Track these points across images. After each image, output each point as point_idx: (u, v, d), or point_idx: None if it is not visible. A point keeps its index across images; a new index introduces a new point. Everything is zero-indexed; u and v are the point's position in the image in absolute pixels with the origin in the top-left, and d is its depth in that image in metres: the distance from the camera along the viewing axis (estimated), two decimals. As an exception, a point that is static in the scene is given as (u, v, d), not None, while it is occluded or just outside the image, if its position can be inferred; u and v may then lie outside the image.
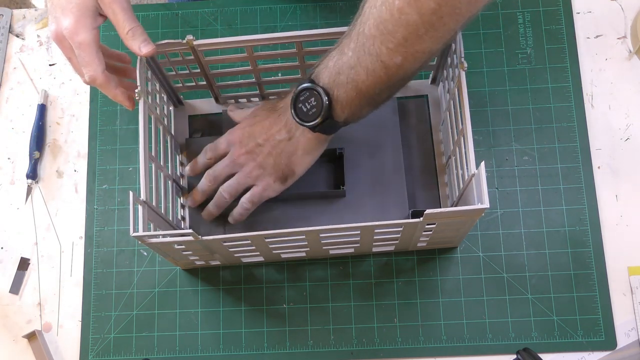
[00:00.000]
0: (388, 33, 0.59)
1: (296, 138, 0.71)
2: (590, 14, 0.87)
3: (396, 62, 0.61)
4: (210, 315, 0.80)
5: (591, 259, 0.79)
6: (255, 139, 0.73)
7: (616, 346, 0.76)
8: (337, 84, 0.64)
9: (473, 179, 0.65)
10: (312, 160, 0.73)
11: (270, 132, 0.72)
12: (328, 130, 0.69)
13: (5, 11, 0.91)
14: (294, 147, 0.71)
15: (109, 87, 0.69)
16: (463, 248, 0.80)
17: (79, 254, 0.82)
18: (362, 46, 0.61)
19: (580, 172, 0.81)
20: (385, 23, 0.59)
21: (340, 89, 0.64)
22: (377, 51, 0.60)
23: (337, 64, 0.64)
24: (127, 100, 0.71)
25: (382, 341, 0.78)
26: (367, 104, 0.66)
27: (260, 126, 0.73)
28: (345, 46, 0.63)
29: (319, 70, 0.66)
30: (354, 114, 0.66)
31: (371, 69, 0.61)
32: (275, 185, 0.74)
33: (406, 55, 0.60)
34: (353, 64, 0.62)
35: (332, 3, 0.89)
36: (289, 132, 0.71)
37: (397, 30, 0.58)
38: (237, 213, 0.76)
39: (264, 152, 0.72)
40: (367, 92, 0.64)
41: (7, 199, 0.85)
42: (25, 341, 0.80)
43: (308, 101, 0.66)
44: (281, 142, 0.71)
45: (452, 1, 0.56)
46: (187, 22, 0.90)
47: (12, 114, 0.88)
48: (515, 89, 0.84)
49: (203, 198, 0.78)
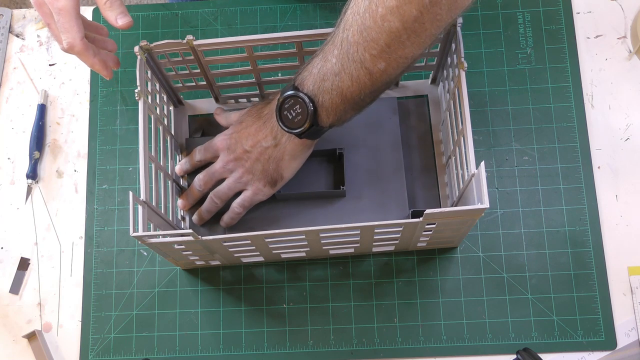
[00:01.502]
0: (371, 40, 0.60)
1: (283, 144, 0.71)
2: (590, 14, 0.87)
3: (380, 68, 0.61)
4: (210, 315, 0.80)
5: (591, 259, 0.79)
6: (242, 146, 0.74)
7: (616, 346, 0.76)
8: (321, 90, 0.65)
9: (473, 179, 0.65)
10: (299, 164, 0.75)
11: (256, 139, 0.72)
12: (314, 136, 0.70)
13: (5, 11, 0.91)
14: (281, 153, 0.72)
15: (87, 55, 0.68)
16: (463, 248, 0.80)
17: (79, 254, 0.82)
18: (346, 53, 0.62)
19: (580, 172, 0.81)
20: (368, 30, 0.59)
21: (325, 95, 0.65)
22: (360, 58, 0.61)
23: (321, 70, 0.64)
24: (104, 69, 0.70)
25: (382, 341, 0.78)
26: (351, 109, 0.66)
27: (246, 132, 0.73)
28: (328, 52, 0.63)
29: (302, 77, 0.66)
30: (339, 119, 0.67)
31: (355, 75, 0.62)
32: (265, 189, 0.75)
33: (389, 61, 0.61)
34: (337, 70, 0.63)
35: (332, 3, 0.89)
36: (275, 139, 0.71)
37: (380, 37, 0.59)
38: (229, 217, 0.77)
39: (252, 158, 0.73)
40: (351, 98, 0.64)
41: (7, 199, 0.85)
42: (25, 341, 0.80)
43: (293, 108, 0.67)
44: (268, 149, 0.72)
45: (433, 8, 0.57)
46: (187, 22, 0.90)
47: (12, 114, 0.88)
48: (515, 89, 0.84)
49: (193, 202, 0.79)
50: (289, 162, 0.73)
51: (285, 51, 0.75)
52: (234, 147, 0.74)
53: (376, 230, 0.67)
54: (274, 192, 0.76)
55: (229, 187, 0.75)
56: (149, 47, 0.70)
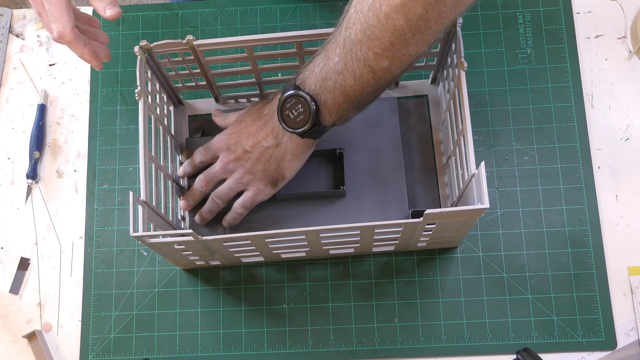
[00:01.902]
0: (375, 38, 0.60)
1: (284, 144, 0.71)
2: (590, 14, 0.87)
3: (383, 66, 0.61)
4: (210, 315, 0.80)
5: (591, 259, 0.79)
6: (242, 146, 0.73)
7: (616, 346, 0.76)
8: (324, 89, 0.65)
9: (473, 179, 0.65)
10: (301, 163, 0.74)
11: (257, 139, 0.72)
12: (315, 135, 0.69)
13: (5, 11, 0.91)
14: (282, 153, 0.72)
15: (77, 45, 0.68)
16: (463, 248, 0.80)
17: (79, 254, 0.82)
18: (349, 51, 0.61)
19: (580, 172, 0.81)
20: (372, 29, 0.59)
21: (328, 94, 0.65)
22: (364, 56, 0.61)
23: (323, 69, 0.64)
24: (94, 59, 0.70)
25: (382, 341, 0.78)
26: (353, 107, 0.66)
27: (246, 132, 0.73)
28: (331, 51, 0.63)
29: (304, 76, 0.66)
30: (341, 118, 0.67)
31: (359, 73, 0.62)
32: (266, 189, 0.75)
33: (393, 59, 0.61)
34: (340, 69, 0.63)
35: (332, 3, 0.89)
36: (275, 139, 0.71)
37: (384, 35, 0.59)
38: (231, 217, 0.77)
39: (252, 158, 0.73)
40: (354, 96, 0.64)
41: (7, 199, 0.85)
42: (25, 341, 0.80)
43: (295, 108, 0.66)
44: (269, 149, 0.72)
45: (438, 5, 0.57)
46: (187, 22, 0.90)
47: (12, 114, 0.88)
48: (515, 89, 0.84)
49: (195, 203, 0.79)
50: (291, 162, 0.73)
51: (285, 51, 0.75)
52: (233, 147, 0.74)
53: (376, 230, 0.67)
54: (275, 192, 0.76)
55: (229, 187, 0.75)
56: (149, 47, 0.70)
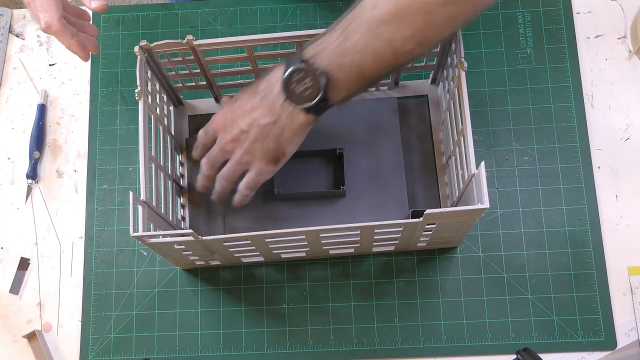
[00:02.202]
0: (405, 21, 0.59)
1: (282, 120, 0.68)
2: (590, 14, 0.87)
3: (406, 50, 0.61)
4: (210, 315, 0.80)
5: (591, 259, 0.79)
6: (238, 125, 0.70)
7: (616, 346, 0.76)
8: (338, 65, 0.63)
9: (473, 179, 0.65)
10: (301, 140, 0.71)
11: (253, 117, 0.69)
12: (320, 111, 0.67)
13: (5, 11, 0.91)
14: (280, 130, 0.69)
15: (64, 36, 0.68)
16: (463, 248, 0.80)
17: (79, 254, 0.82)
18: (374, 31, 0.61)
19: (580, 172, 0.81)
20: (403, 10, 0.59)
21: (343, 71, 0.63)
22: (390, 37, 0.60)
23: (340, 46, 0.63)
24: (81, 51, 0.70)
25: (382, 341, 0.78)
26: (364, 86, 0.66)
27: (241, 111, 0.70)
28: (351, 30, 0.62)
29: (315, 51, 0.64)
30: (348, 96, 0.66)
31: (380, 54, 0.62)
32: (268, 168, 0.72)
33: (420, 43, 0.61)
34: (360, 47, 0.62)
35: (332, 3, 0.89)
36: (273, 115, 0.68)
37: (416, 18, 0.59)
38: (237, 200, 0.74)
39: (249, 138, 0.70)
40: (369, 76, 0.64)
41: (7, 199, 0.85)
42: (25, 341, 0.80)
43: (303, 82, 0.65)
44: (266, 127, 0.69)
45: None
46: (187, 22, 0.90)
47: (12, 114, 0.88)
48: (515, 89, 0.84)
49: (208, 182, 0.76)
50: (291, 138, 0.70)
51: (285, 51, 0.75)
52: (229, 127, 0.71)
53: (376, 230, 0.67)
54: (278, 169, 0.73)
55: (232, 169, 0.73)
56: (149, 47, 0.70)
